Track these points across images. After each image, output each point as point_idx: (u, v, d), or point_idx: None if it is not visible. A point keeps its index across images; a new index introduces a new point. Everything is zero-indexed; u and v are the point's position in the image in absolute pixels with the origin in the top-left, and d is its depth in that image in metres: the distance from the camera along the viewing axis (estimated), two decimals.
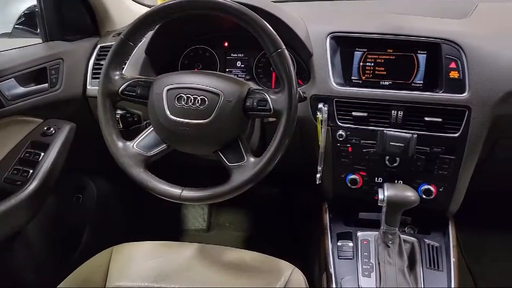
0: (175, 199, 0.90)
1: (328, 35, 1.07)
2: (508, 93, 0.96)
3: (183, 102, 0.89)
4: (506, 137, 1.04)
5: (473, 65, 0.98)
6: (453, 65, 0.99)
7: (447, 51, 0.99)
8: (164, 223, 1.77)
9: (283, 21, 1.02)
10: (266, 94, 0.90)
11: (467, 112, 0.98)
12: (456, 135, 0.99)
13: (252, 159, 0.90)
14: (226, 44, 1.19)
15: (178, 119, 0.89)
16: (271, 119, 1.02)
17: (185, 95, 0.89)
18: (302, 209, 1.63)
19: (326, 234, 1.12)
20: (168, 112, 0.90)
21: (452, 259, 1.03)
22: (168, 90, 0.90)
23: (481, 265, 1.53)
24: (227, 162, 0.91)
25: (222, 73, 0.99)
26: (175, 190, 0.89)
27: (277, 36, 0.85)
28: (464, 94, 0.98)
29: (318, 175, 1.08)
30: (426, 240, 1.07)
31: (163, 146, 0.94)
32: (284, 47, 0.84)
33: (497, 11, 1.20)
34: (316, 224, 1.22)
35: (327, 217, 1.16)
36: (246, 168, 0.88)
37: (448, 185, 1.04)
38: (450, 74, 0.99)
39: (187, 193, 0.89)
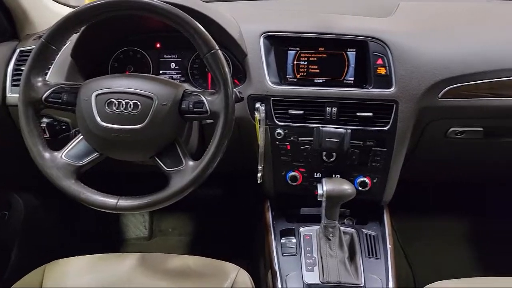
0: (110, 209, 0.86)
1: (262, 34, 1.07)
2: (431, 87, 1.03)
3: (114, 108, 0.85)
4: (430, 129, 1.11)
5: (398, 61, 1.03)
6: (380, 61, 1.04)
7: (374, 48, 1.04)
8: (103, 234, 1.68)
9: (215, 21, 1.01)
10: (202, 96, 0.88)
11: (395, 106, 1.03)
12: (386, 128, 1.04)
13: (191, 163, 0.88)
14: (158, 45, 1.16)
15: (109, 125, 0.85)
16: (209, 121, 1.01)
17: (115, 100, 0.85)
18: (245, 208, 1.63)
19: (270, 232, 1.13)
20: (98, 119, 0.85)
21: (388, 246, 1.08)
22: (97, 95, 0.86)
23: (415, 248, 1.63)
24: (164, 167, 0.88)
25: (155, 76, 0.96)
26: (111, 200, 0.85)
27: (210, 37, 0.84)
28: (391, 89, 1.03)
29: (259, 174, 1.09)
30: (364, 230, 1.12)
31: (95, 154, 0.90)
32: (217, 47, 0.84)
33: (418, 9, 1.27)
34: (259, 223, 1.23)
35: (269, 215, 1.18)
36: (185, 172, 0.86)
37: (381, 176, 1.10)
38: (377, 70, 1.04)
39: (124, 202, 0.85)
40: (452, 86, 1.03)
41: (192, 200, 1.07)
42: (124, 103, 0.85)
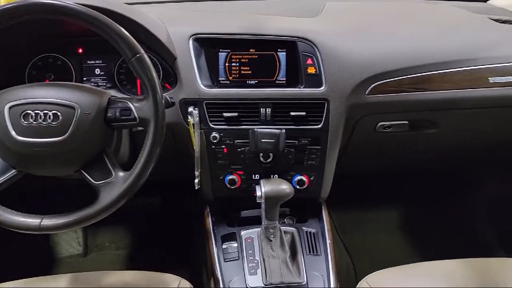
0: (33, 230, 0.79)
1: (191, 36, 1.05)
2: (358, 84, 1.06)
3: (31, 120, 0.78)
4: (360, 125, 1.15)
5: (327, 60, 1.05)
6: (309, 61, 1.06)
7: (303, 48, 1.05)
8: (31, 255, 1.56)
9: (140, 24, 0.96)
10: (129, 103, 0.84)
11: (326, 105, 1.05)
12: (319, 126, 1.06)
13: (121, 174, 0.83)
14: (80, 50, 1.09)
15: (27, 139, 0.78)
16: (140, 128, 0.97)
17: (32, 111, 0.78)
18: (185, 215, 1.59)
19: (210, 238, 1.11)
20: (13, 133, 0.78)
21: (328, 241, 1.10)
22: (10, 107, 0.78)
23: (355, 241, 1.69)
24: (92, 181, 0.83)
25: (77, 83, 0.91)
26: (33, 220, 0.79)
27: (134, 41, 0.80)
28: (321, 88, 1.05)
29: (196, 180, 1.06)
30: (304, 228, 1.13)
31: (12, 172, 0.82)
32: (143, 51, 0.80)
33: (344, 9, 1.32)
34: (199, 229, 1.20)
35: (209, 221, 1.15)
36: (115, 184, 0.82)
37: (318, 173, 1.11)
38: (308, 70, 1.06)
39: (48, 221, 0.79)
40: (377, 83, 1.08)
41: (129, 210, 1.02)
42: (42, 114, 0.78)
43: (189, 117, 1.02)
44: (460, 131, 1.27)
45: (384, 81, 1.08)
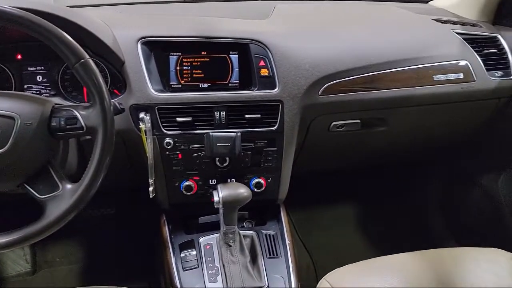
0: None
1: (139, 40, 1.01)
2: (311, 85, 1.07)
3: None
4: (315, 125, 1.16)
5: (279, 62, 1.05)
6: (262, 63, 1.05)
7: (255, 50, 1.05)
8: None
9: (83, 27, 0.92)
10: (75, 111, 0.80)
11: (280, 106, 1.05)
12: (275, 128, 1.06)
13: (69, 186, 0.79)
14: (19, 56, 1.02)
15: None
16: (88, 137, 0.92)
17: None
18: (141, 225, 1.54)
19: (168, 247, 1.08)
20: None
21: (287, 242, 1.10)
22: None
23: (314, 238, 1.71)
24: (37, 195, 0.78)
25: (16, 92, 0.85)
26: None
27: (77, 45, 0.76)
28: (275, 90, 1.05)
29: (150, 188, 1.03)
30: (263, 231, 1.12)
31: None
32: (87, 56, 0.76)
33: (294, 11, 1.33)
34: (156, 239, 1.16)
35: (166, 230, 1.12)
36: (63, 197, 0.77)
37: (275, 175, 1.11)
38: (261, 72, 1.05)
39: None
40: (330, 83, 1.09)
41: (81, 222, 0.97)
42: None
43: (140, 123, 0.99)
44: (409, 128, 1.32)
45: (336, 81, 1.10)
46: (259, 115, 1.05)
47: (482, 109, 1.28)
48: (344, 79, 1.10)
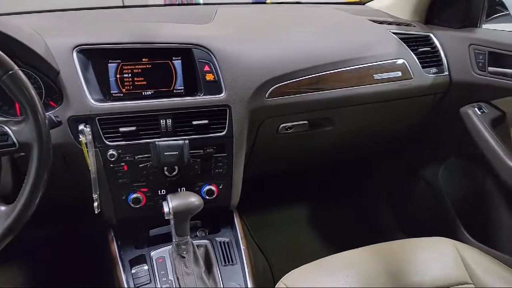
0: None
1: (74, 48, 0.96)
2: (257, 88, 1.07)
3: None
4: (263, 128, 1.16)
5: (224, 66, 1.04)
6: (207, 68, 1.04)
7: (199, 55, 1.03)
8: None
9: (10, 36, 0.85)
10: (5, 126, 0.74)
11: (228, 111, 1.04)
12: (223, 133, 1.05)
13: (2, 208, 0.73)
14: None
15: None
16: (22, 154, 0.85)
17: None
18: (88, 243, 1.46)
19: (117, 264, 1.02)
20: None
21: (242, 248, 1.09)
22: None
23: (269, 241, 1.71)
24: None
25: None
26: None
27: (4, 56, 0.70)
28: (222, 95, 1.03)
29: (95, 204, 0.98)
30: (217, 239, 1.10)
31: None
32: (16, 67, 0.71)
33: (236, 15, 1.33)
34: (105, 256, 1.10)
35: (115, 246, 1.06)
36: None
37: (226, 181, 1.10)
38: (206, 77, 1.03)
39: None
40: (276, 86, 1.10)
41: (23, 245, 0.89)
42: None
43: (80, 136, 0.93)
44: (354, 126, 1.35)
45: (282, 83, 1.10)
46: (206, 121, 1.03)
47: (420, 105, 1.34)
48: (289, 81, 1.11)
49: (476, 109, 1.22)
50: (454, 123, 1.26)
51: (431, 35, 1.31)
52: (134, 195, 1.03)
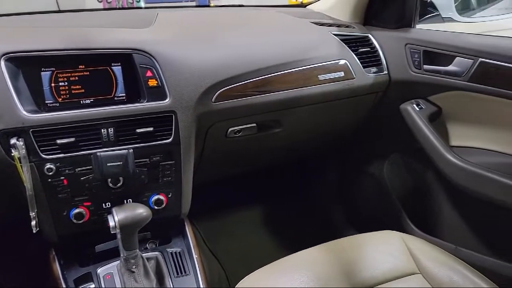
0: None
1: (2, 56, 0.89)
2: (203, 93, 1.05)
3: None
4: (212, 133, 1.14)
5: (167, 71, 1.01)
6: (149, 73, 1.00)
7: (140, 60, 0.99)
8: None
9: None
10: None
11: (173, 117, 1.01)
12: (170, 140, 1.02)
13: None
14: None
15: None
16: None
17: None
18: (27, 265, 1.36)
19: (60, 285, 0.96)
20: None
21: (195, 257, 1.06)
22: None
23: (224, 247, 1.69)
24: None
25: None
26: None
27: None
28: (166, 100, 1.00)
29: (33, 222, 0.91)
30: (168, 250, 1.07)
31: None
32: None
33: (178, 19, 1.30)
34: (47, 278, 1.03)
35: (57, 266, 1.00)
36: None
37: (175, 189, 1.07)
38: (149, 82, 1.00)
39: None
40: (222, 90, 1.08)
41: None
42: None
43: (13, 151, 0.86)
44: (302, 127, 1.37)
45: (228, 87, 1.09)
46: (151, 128, 0.99)
47: (363, 104, 1.38)
48: (235, 85, 1.10)
49: (414, 105, 1.27)
50: (395, 119, 1.31)
51: (370, 35, 1.36)
52: (77, 210, 0.97)
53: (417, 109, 1.26)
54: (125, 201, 1.01)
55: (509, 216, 1.13)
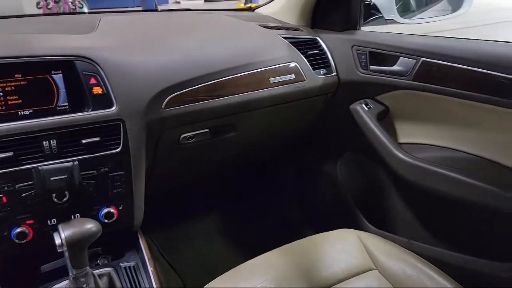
0: None
1: None
2: (152, 99, 1.02)
3: None
4: (163, 140, 1.11)
5: (113, 78, 0.97)
6: (93, 81, 0.95)
7: (82, 67, 0.94)
8: None
9: None
10: None
11: (121, 125, 0.97)
12: (118, 150, 0.97)
13: None
14: None
15: None
16: None
17: None
18: None
19: None
20: None
21: (150, 269, 1.02)
22: None
23: (182, 256, 1.64)
24: None
25: None
26: None
27: None
28: (113, 109, 0.96)
29: None
30: (122, 264, 1.02)
31: None
32: None
33: (122, 24, 1.25)
34: None
35: None
36: None
37: (127, 201, 1.02)
38: (93, 90, 0.95)
39: None
40: (172, 95, 1.05)
41: None
42: None
43: None
44: (256, 130, 1.37)
45: (178, 92, 1.06)
46: (98, 138, 0.94)
47: (314, 105, 1.40)
48: (185, 90, 1.07)
49: (363, 105, 1.31)
50: (346, 119, 1.34)
51: (318, 38, 1.38)
52: (19, 229, 0.90)
53: (366, 108, 1.30)
54: (72, 216, 0.95)
55: (453, 207, 1.18)
